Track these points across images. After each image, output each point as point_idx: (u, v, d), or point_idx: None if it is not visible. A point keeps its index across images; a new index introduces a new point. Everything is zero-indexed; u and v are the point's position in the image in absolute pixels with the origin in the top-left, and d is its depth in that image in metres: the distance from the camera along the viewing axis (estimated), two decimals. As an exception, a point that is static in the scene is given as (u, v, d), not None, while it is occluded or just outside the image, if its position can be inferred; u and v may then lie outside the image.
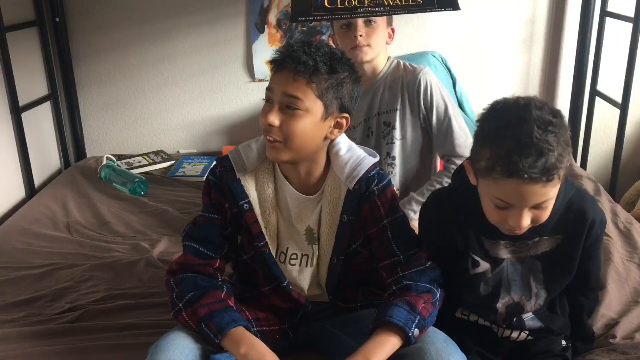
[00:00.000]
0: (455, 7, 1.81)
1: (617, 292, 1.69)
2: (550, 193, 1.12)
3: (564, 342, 1.39)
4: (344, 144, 1.37)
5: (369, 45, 1.81)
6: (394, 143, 1.91)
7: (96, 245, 2.10)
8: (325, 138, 1.32)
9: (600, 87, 2.74)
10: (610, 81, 2.71)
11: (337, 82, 1.26)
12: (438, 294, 1.28)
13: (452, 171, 1.79)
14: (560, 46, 2.87)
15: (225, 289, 1.33)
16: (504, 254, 1.30)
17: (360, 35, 1.79)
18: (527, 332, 1.35)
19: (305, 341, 1.45)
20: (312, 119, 1.26)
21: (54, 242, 2.12)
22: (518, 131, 1.08)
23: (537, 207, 1.14)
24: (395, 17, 1.88)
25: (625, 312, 1.60)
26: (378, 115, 1.92)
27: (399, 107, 1.89)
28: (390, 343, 1.19)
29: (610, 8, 2.64)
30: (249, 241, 1.38)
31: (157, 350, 1.20)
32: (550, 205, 1.16)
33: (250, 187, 1.34)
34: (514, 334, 1.35)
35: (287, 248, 1.39)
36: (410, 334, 1.19)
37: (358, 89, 1.33)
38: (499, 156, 1.09)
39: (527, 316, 1.34)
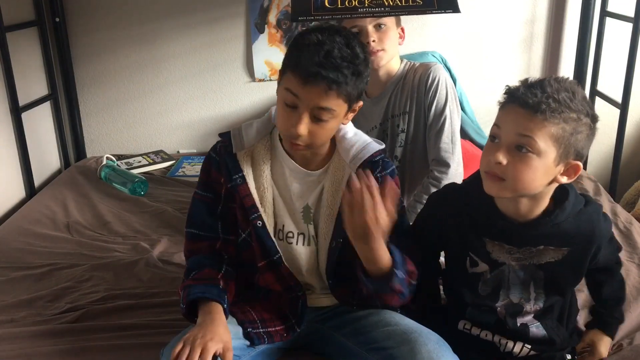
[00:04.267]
0: (456, 9, 1.82)
1: (617, 292, 1.69)
2: (535, 131, 1.13)
3: (568, 356, 1.38)
4: (350, 127, 1.39)
5: (383, 50, 1.78)
6: (402, 147, 1.89)
7: (96, 245, 2.10)
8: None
9: (600, 87, 2.74)
10: (610, 81, 2.71)
11: (360, 79, 1.27)
12: (417, 276, 1.31)
13: (431, 192, 1.79)
14: (560, 46, 2.87)
15: (223, 271, 1.35)
16: (506, 259, 1.29)
17: (373, 41, 1.76)
18: (530, 347, 1.34)
19: (305, 342, 1.45)
20: (338, 120, 1.29)
21: (54, 242, 2.12)
22: (533, 82, 1.18)
23: (519, 146, 1.14)
24: (396, 16, 1.88)
25: (626, 312, 1.59)
26: (392, 118, 1.89)
27: (408, 110, 1.86)
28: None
29: (610, 8, 2.64)
30: (243, 216, 1.38)
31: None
32: (532, 162, 1.14)
33: (246, 163, 1.36)
34: (517, 348, 1.34)
35: (284, 225, 1.39)
36: (397, 272, 1.23)
37: (370, 67, 1.32)
38: (509, 91, 1.19)
39: (533, 323, 1.33)
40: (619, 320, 1.46)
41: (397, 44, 1.84)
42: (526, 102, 1.14)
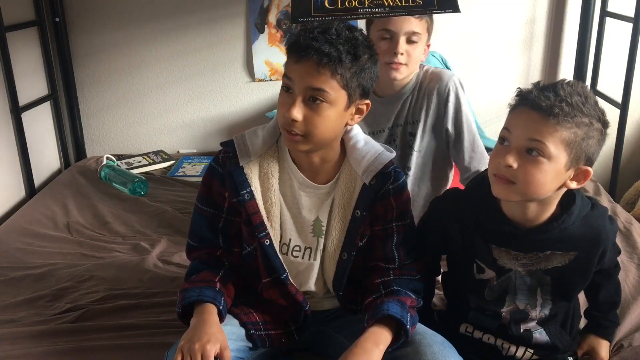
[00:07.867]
0: (456, 9, 1.81)
1: (617, 293, 1.69)
2: (546, 136, 1.11)
3: (570, 359, 1.38)
4: (361, 136, 1.34)
5: (405, 65, 1.68)
6: (412, 154, 1.82)
7: (96, 245, 2.10)
8: (346, 125, 1.29)
9: (600, 87, 2.74)
10: (610, 81, 2.71)
11: (360, 68, 1.22)
12: (419, 302, 1.30)
13: None
14: (560, 46, 2.87)
15: (221, 274, 1.32)
16: (513, 265, 1.27)
17: (401, 54, 1.66)
18: (532, 351, 1.33)
19: (307, 344, 1.45)
20: (336, 110, 1.22)
21: (54, 242, 2.12)
22: (545, 85, 1.16)
23: (530, 150, 1.13)
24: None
25: (625, 313, 1.60)
26: (404, 125, 1.81)
27: (422, 118, 1.78)
28: (388, 336, 1.20)
29: (610, 8, 2.64)
30: (249, 232, 1.34)
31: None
32: (542, 166, 1.12)
33: (254, 176, 1.30)
34: (519, 352, 1.33)
35: (290, 240, 1.35)
36: (408, 327, 1.19)
37: (377, 67, 1.29)
38: (521, 93, 1.17)
39: (536, 329, 1.33)
40: (615, 323, 1.46)
41: (420, 61, 1.76)
42: (539, 105, 1.11)
